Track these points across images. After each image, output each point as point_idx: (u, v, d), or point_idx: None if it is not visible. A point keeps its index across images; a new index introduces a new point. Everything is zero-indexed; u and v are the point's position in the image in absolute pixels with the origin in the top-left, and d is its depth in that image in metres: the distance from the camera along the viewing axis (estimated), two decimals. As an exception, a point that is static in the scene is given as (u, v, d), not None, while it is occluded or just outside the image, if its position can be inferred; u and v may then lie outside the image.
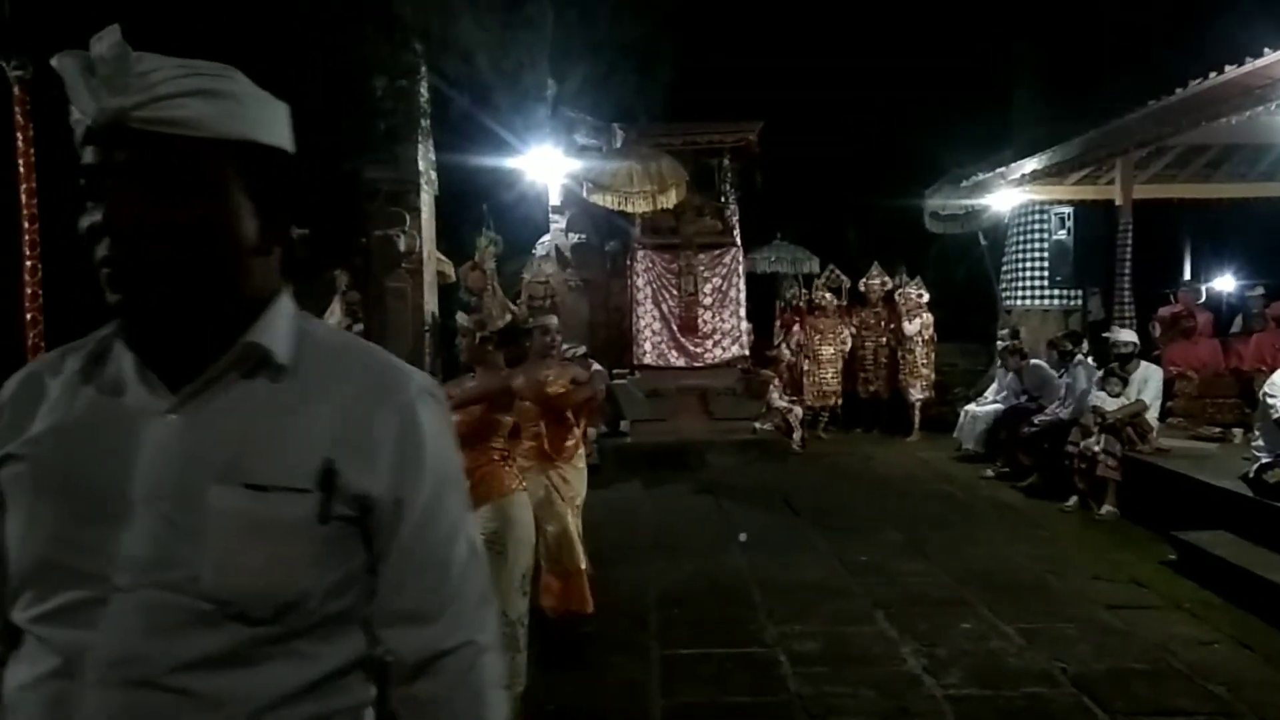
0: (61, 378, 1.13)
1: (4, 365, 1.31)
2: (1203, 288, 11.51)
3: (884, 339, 11.91)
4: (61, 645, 1.01)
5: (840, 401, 11.96)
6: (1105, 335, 8.32)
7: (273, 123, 1.13)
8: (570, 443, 4.82)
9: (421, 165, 11.90)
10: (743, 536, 6.31)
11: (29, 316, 5.09)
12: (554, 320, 5.06)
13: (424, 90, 11.51)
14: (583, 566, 4.68)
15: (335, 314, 10.73)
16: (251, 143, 1.08)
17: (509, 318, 3.90)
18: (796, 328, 12.09)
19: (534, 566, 4.69)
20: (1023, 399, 9.37)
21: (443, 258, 12.52)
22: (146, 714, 1.00)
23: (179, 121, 1.02)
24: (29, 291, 5.13)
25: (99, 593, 1.01)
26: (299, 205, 1.18)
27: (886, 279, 12.02)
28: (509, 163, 11.73)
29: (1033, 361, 9.58)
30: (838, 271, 12.77)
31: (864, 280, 12.16)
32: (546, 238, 12.27)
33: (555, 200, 11.95)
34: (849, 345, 11.94)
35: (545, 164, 11.38)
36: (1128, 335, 7.88)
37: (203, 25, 8.43)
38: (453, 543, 1.18)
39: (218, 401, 1.08)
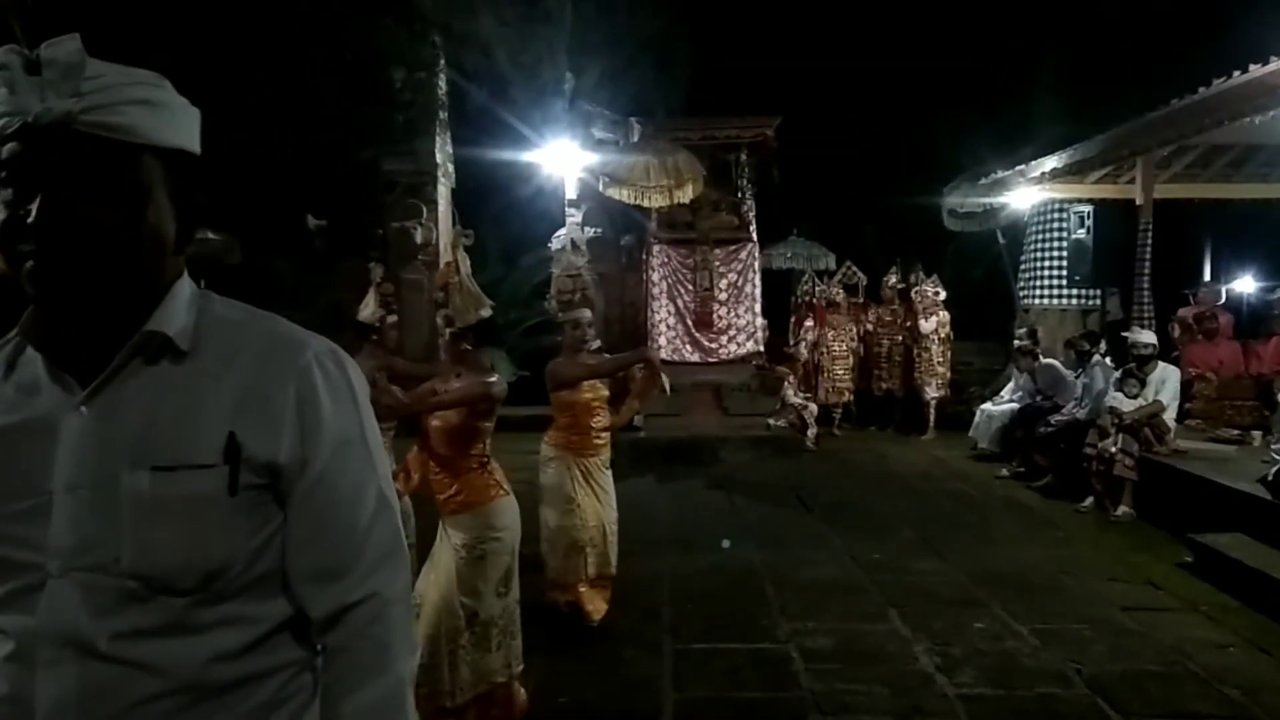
0: None
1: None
2: (1223, 289, 11.39)
3: (899, 336, 11.84)
4: (12, 632, 1.08)
5: (852, 398, 11.91)
6: (1124, 335, 8.25)
7: (194, 131, 1.20)
8: (602, 437, 4.84)
9: (439, 158, 11.94)
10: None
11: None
12: (585, 314, 4.96)
13: (442, 83, 11.54)
14: (580, 580, 4.72)
15: (370, 306, 10.75)
16: (179, 150, 1.16)
17: (485, 313, 3.60)
18: (810, 323, 12.04)
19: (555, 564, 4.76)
20: (1037, 399, 9.32)
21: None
22: (98, 688, 1.07)
23: (121, 128, 1.09)
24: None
25: (35, 580, 1.07)
26: (208, 208, 1.23)
27: (891, 277, 11.95)
28: (526, 156, 11.75)
29: (1045, 361, 9.53)
30: (854, 268, 12.72)
31: (887, 285, 12.03)
32: (562, 231, 12.28)
33: (571, 194, 11.95)
34: (855, 342, 11.91)
35: (562, 157, 11.39)
36: (1147, 337, 7.82)
37: (223, 14, 8.47)
38: (357, 501, 1.22)
39: (125, 390, 1.13)
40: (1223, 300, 10.36)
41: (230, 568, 1.12)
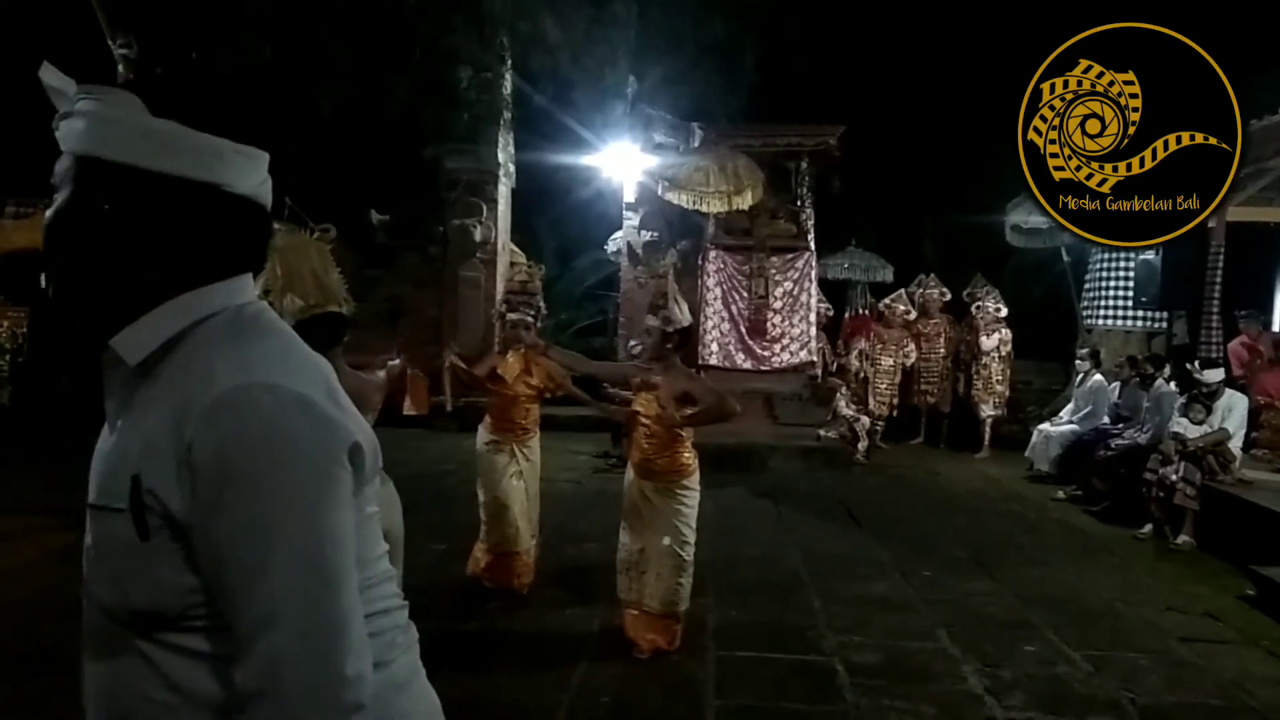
0: None
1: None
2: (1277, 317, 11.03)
3: (942, 352, 11.75)
4: None
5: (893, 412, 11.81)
6: (1195, 361, 8.01)
7: (125, 141, 1.10)
8: (686, 457, 4.43)
9: (501, 157, 12.07)
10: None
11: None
12: (659, 321, 4.44)
13: (507, 84, 11.67)
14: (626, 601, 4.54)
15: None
16: (96, 159, 1.11)
17: (339, 308, 3.17)
18: (859, 336, 11.90)
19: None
20: (1106, 422, 9.17)
21: (516, 249, 12.67)
22: (101, 690, 1.15)
23: (63, 139, 1.14)
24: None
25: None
26: (173, 219, 1.13)
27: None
28: (586, 159, 11.82)
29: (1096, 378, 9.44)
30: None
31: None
32: (619, 234, 12.34)
33: (630, 197, 11.99)
34: (912, 359, 11.74)
35: (621, 161, 11.44)
36: (1212, 375, 7.45)
37: (295, 8, 8.64)
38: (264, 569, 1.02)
39: (111, 409, 1.16)
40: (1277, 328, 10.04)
41: (165, 611, 1.05)
